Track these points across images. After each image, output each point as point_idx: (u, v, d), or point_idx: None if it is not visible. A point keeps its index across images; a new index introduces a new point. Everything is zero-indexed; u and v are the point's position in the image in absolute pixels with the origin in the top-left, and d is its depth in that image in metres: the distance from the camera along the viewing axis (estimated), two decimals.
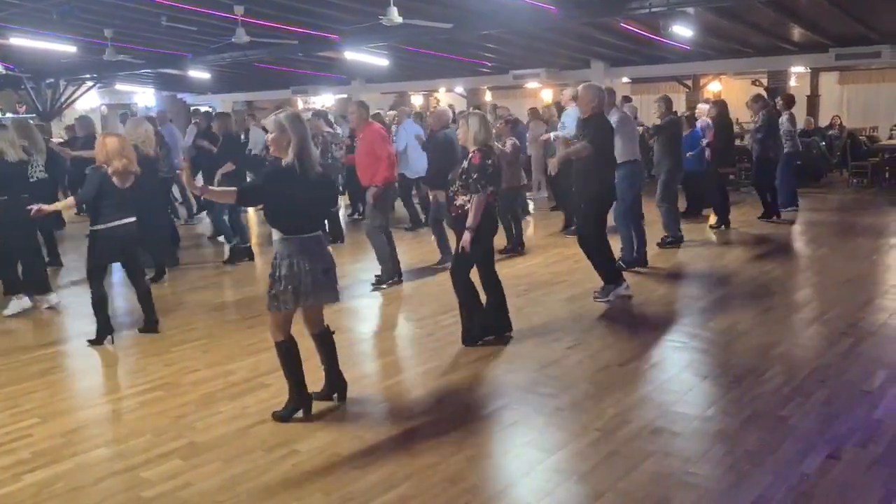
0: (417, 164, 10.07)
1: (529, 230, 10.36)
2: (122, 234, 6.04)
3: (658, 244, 8.97)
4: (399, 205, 10.54)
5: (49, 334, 6.47)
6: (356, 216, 12.24)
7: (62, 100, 18.54)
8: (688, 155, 10.05)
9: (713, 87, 19.06)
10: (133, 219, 6.11)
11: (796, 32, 12.32)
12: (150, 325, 6.32)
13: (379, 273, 7.76)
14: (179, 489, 3.68)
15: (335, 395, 4.69)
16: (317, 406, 4.61)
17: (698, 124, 10.96)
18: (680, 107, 13.73)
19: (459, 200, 5.51)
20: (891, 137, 16.57)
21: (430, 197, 8.44)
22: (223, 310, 7.03)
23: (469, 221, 5.42)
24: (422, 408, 4.60)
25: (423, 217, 11.08)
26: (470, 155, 5.48)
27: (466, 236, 5.44)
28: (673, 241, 9.11)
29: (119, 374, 5.40)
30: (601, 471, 3.71)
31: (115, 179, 5.95)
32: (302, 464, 3.90)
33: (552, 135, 10.36)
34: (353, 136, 12.55)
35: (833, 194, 13.86)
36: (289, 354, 4.42)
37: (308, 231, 4.29)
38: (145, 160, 7.72)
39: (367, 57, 14.34)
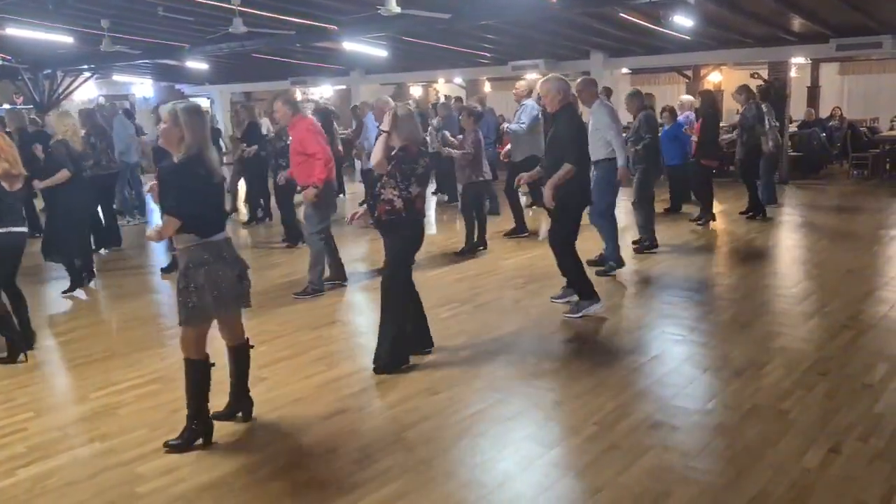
0: None
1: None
2: (15, 242, 5.56)
3: (634, 249, 8.48)
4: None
5: (43, 326, 6.41)
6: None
7: (59, 91, 18.43)
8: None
9: (713, 78, 18.96)
10: (24, 229, 5.62)
11: (797, 23, 12.21)
12: (10, 354, 5.50)
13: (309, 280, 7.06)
14: (174, 484, 3.64)
15: (240, 414, 4.30)
16: (311, 401, 4.58)
17: (681, 118, 10.77)
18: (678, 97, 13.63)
19: (387, 195, 4.88)
20: (892, 128, 16.48)
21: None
22: None
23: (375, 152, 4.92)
24: (418, 402, 4.56)
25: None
26: (402, 144, 4.92)
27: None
28: (649, 245, 8.45)
29: (114, 368, 5.34)
30: (600, 465, 3.68)
31: (2, 183, 5.43)
32: (297, 458, 3.86)
33: (504, 126, 10.16)
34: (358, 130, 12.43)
35: (833, 186, 13.82)
36: (205, 375, 4.04)
37: (220, 232, 3.97)
38: (74, 156, 7.37)
39: (365, 48, 14.24)
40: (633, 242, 8.64)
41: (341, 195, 12.75)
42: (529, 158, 8.86)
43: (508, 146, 9.53)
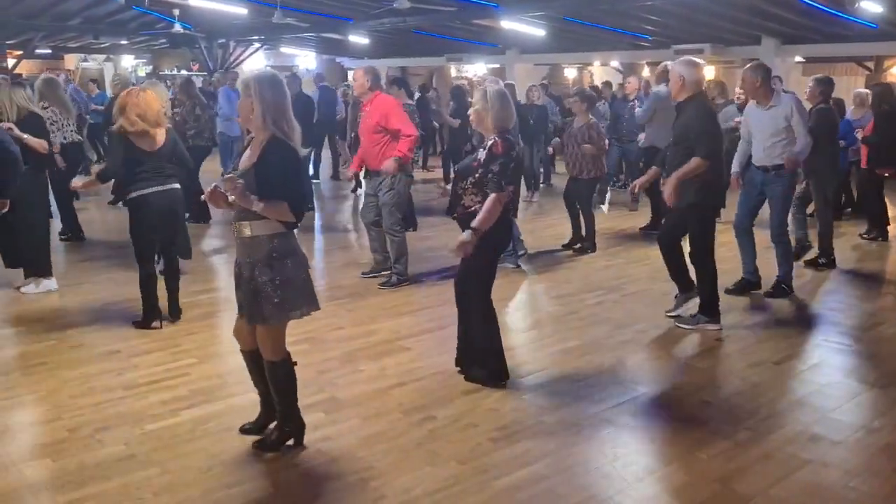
0: None
1: None
2: (151, 204, 5.29)
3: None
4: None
5: (212, 279, 6.82)
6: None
7: (231, 60, 19.58)
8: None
9: None
10: (164, 187, 5.33)
11: None
12: (173, 313, 5.64)
13: (394, 271, 6.67)
14: (320, 441, 3.79)
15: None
16: (453, 374, 4.61)
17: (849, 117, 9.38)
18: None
19: (468, 200, 4.28)
20: None
21: None
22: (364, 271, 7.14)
23: (477, 223, 4.13)
24: (560, 387, 4.50)
25: None
26: (489, 142, 4.24)
27: (467, 236, 4.13)
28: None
29: None
30: (751, 474, 3.48)
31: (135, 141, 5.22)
32: (438, 430, 3.91)
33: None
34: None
35: None
36: (293, 374, 3.70)
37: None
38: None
39: (522, 26, 14.14)
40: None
41: None
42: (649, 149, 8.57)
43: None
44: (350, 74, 18.93)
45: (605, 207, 10.64)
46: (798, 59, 15.79)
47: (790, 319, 5.92)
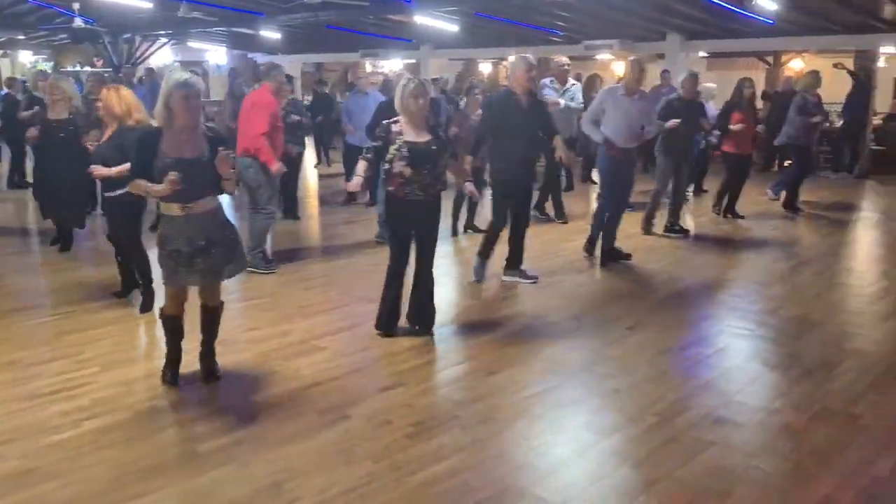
0: None
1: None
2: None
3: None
4: None
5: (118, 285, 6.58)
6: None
7: (137, 55, 18.89)
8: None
9: (795, 65, 18.25)
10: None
11: (888, 9, 11.64)
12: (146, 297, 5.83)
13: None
14: (232, 446, 3.70)
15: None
16: (368, 373, 4.60)
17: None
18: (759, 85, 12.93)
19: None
20: None
21: None
22: (283, 271, 7.02)
23: None
24: (476, 381, 4.53)
25: None
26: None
27: None
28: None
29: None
30: (658, 458, 3.59)
31: None
32: (352, 429, 3.88)
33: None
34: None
35: None
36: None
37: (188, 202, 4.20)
38: None
39: (436, 22, 14.15)
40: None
41: None
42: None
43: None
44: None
45: None
46: (702, 54, 16.35)
47: (697, 307, 6.13)
